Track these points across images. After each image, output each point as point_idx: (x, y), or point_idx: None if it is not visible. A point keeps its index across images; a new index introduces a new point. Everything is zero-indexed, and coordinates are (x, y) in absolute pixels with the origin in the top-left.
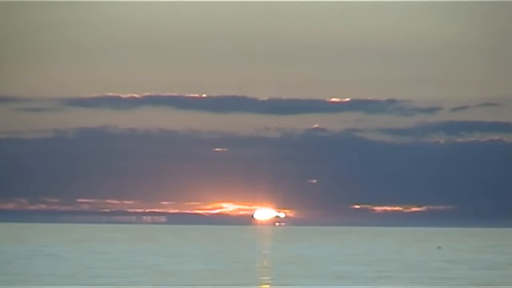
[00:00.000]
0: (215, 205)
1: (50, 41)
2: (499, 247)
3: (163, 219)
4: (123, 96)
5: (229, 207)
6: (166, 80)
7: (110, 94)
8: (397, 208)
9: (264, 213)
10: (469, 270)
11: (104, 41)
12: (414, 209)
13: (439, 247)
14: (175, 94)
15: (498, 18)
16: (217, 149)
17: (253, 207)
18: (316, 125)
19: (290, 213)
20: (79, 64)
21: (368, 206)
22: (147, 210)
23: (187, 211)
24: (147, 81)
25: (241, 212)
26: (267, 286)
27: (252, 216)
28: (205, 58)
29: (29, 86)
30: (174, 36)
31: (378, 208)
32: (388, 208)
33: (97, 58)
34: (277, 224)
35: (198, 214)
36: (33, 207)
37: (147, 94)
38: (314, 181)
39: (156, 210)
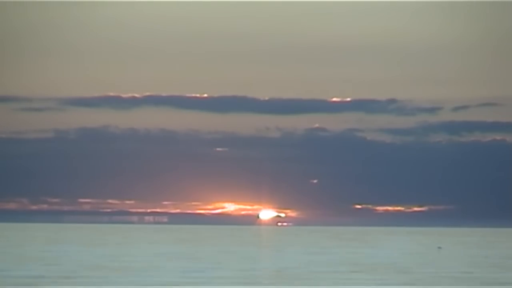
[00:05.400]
0: (216, 205)
1: (51, 41)
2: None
3: (165, 219)
4: (124, 96)
5: (230, 207)
6: (166, 80)
7: (111, 94)
8: (398, 208)
9: (269, 213)
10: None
11: (105, 41)
12: (415, 209)
13: (439, 247)
14: (176, 94)
15: (498, 18)
16: (218, 149)
17: (254, 207)
18: (317, 125)
19: (291, 213)
20: (80, 64)
21: (369, 206)
22: (149, 210)
23: (189, 211)
24: (148, 81)
25: (243, 212)
26: (267, 286)
27: (258, 216)
28: (206, 58)
29: (30, 86)
30: (175, 37)
31: (379, 208)
32: (390, 208)
33: (98, 58)
34: (279, 224)
35: (199, 214)
36: (34, 207)
37: (147, 94)
38: (315, 181)
39: (158, 210)
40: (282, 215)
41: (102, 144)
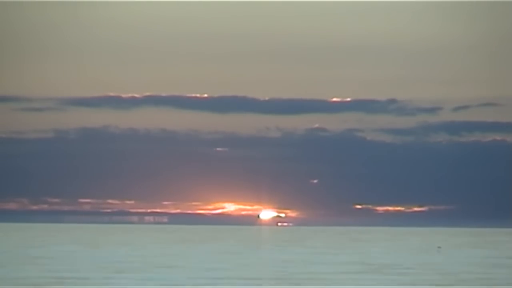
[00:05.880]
0: (216, 205)
1: (51, 41)
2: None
3: (165, 219)
4: (124, 96)
5: (230, 207)
6: (167, 80)
7: (111, 94)
8: (398, 208)
9: (269, 213)
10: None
11: (105, 41)
12: (415, 209)
13: (439, 247)
14: (176, 94)
15: (498, 18)
16: (218, 149)
17: (254, 207)
18: (317, 125)
19: (291, 213)
20: (80, 64)
21: (369, 206)
22: (149, 210)
23: (189, 211)
24: (148, 81)
25: (243, 212)
26: (269, 286)
27: (258, 216)
28: (206, 59)
29: (30, 86)
30: (175, 37)
31: (380, 208)
32: (390, 208)
33: (98, 58)
34: (279, 224)
35: (200, 214)
36: (34, 207)
37: (148, 94)
38: (315, 181)
39: (158, 210)
40: (282, 215)
41: (102, 144)
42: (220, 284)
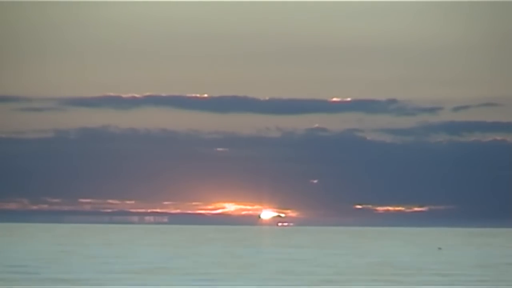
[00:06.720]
0: (217, 205)
1: (51, 41)
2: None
3: (165, 219)
4: (124, 96)
5: (230, 207)
6: (167, 80)
7: (111, 94)
8: (399, 208)
9: (269, 213)
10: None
11: (105, 41)
12: (416, 209)
13: (439, 248)
14: (176, 94)
15: (499, 18)
16: (218, 149)
17: (254, 207)
18: (317, 125)
19: (291, 214)
20: (80, 64)
21: (370, 206)
22: (149, 210)
23: (189, 211)
24: (148, 81)
25: (243, 213)
26: (269, 286)
27: (259, 216)
28: (206, 58)
29: (30, 86)
30: (175, 37)
31: (380, 208)
32: (390, 208)
33: (98, 58)
34: (279, 224)
35: (200, 214)
36: (34, 207)
37: (148, 94)
38: (315, 181)
39: (158, 210)
40: (283, 215)
41: (102, 144)
42: (220, 284)
